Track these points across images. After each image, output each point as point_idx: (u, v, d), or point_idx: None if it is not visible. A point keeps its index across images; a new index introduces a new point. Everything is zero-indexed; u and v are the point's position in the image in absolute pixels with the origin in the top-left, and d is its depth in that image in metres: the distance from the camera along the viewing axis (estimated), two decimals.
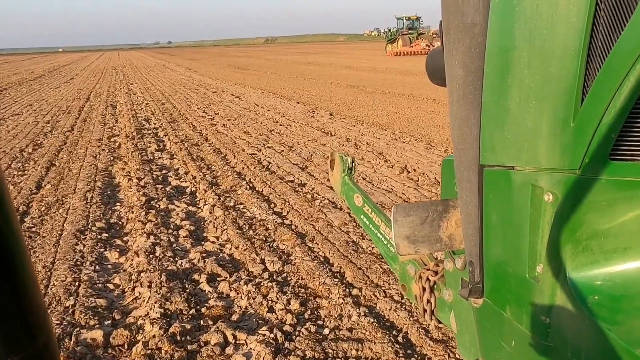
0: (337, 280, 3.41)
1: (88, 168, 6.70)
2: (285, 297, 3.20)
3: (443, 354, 2.61)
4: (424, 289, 1.74)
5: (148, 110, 12.26)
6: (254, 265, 3.69)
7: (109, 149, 7.92)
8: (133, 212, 4.86)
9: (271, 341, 2.73)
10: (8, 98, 16.09)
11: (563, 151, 0.96)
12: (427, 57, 1.74)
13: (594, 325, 0.93)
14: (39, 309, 0.52)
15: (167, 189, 5.68)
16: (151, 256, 3.84)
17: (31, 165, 6.99)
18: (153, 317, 2.98)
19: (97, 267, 3.74)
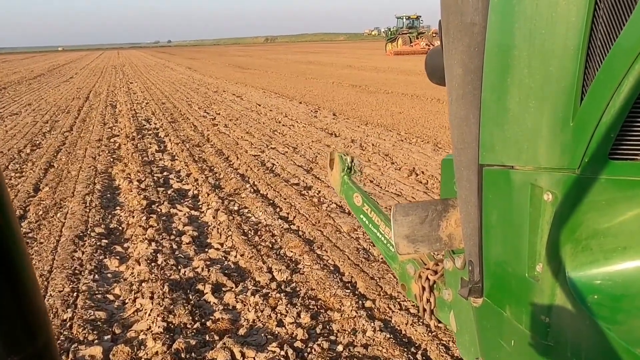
0: (349, 291, 3.24)
1: (87, 170, 6.52)
2: (295, 310, 3.03)
3: None
4: (424, 289, 1.74)
5: (148, 110, 12.08)
6: (261, 274, 3.52)
7: (109, 150, 7.74)
8: (134, 217, 4.69)
9: (282, 359, 2.57)
10: (7, 97, 15.90)
11: (562, 150, 0.96)
12: (427, 57, 1.76)
13: (594, 324, 0.93)
14: (39, 309, 0.52)
15: (169, 192, 5.50)
16: (153, 264, 3.68)
17: (29, 166, 6.81)
18: (155, 332, 2.81)
19: (97, 276, 3.57)
